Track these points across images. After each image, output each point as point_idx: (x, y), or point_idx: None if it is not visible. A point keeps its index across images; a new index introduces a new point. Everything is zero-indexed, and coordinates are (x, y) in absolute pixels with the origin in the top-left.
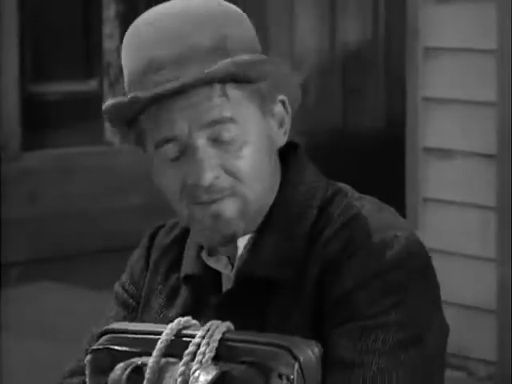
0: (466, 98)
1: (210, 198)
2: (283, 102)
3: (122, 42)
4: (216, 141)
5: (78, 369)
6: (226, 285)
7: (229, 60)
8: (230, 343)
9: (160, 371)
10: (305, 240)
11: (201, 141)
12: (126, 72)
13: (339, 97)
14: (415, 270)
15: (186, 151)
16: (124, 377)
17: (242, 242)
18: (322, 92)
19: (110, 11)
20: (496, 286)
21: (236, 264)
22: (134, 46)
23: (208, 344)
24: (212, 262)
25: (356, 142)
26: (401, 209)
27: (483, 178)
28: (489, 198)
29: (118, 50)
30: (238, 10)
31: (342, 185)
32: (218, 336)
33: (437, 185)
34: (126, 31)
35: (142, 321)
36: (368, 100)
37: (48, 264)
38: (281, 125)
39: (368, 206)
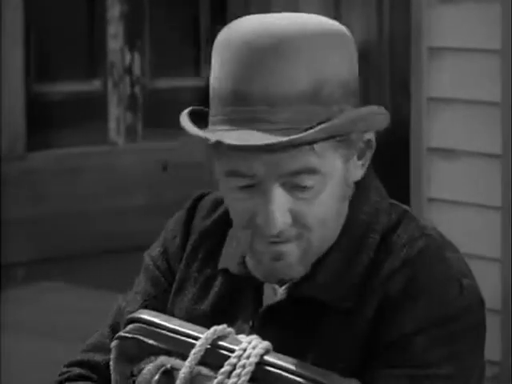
0: (471, 98)
1: (276, 240)
2: (369, 141)
3: (126, 42)
4: (291, 189)
5: (100, 344)
6: (268, 294)
7: (325, 125)
8: (267, 368)
9: (192, 381)
10: (365, 267)
11: (276, 187)
12: (212, 81)
13: None
14: (473, 324)
15: (260, 190)
16: (153, 381)
17: None
18: None
19: (114, 11)
20: (500, 286)
21: (292, 282)
22: (227, 67)
23: (244, 366)
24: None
25: None
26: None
27: (488, 178)
28: (493, 198)
29: (122, 50)
30: (345, 32)
31: (404, 207)
32: (254, 359)
33: (441, 185)
34: (129, 31)
35: (174, 306)
36: (373, 100)
37: (50, 264)
38: (359, 158)
39: (432, 240)
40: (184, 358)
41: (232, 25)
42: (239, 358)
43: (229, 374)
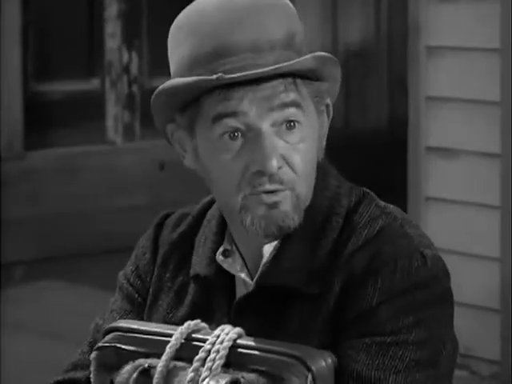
0: (469, 97)
1: (271, 188)
2: (327, 106)
3: (123, 40)
4: (279, 128)
5: (81, 362)
6: (240, 288)
7: (310, 55)
8: (240, 350)
9: (168, 375)
10: (329, 250)
11: (266, 126)
12: (185, 54)
13: (341, 96)
14: (438, 291)
15: (250, 138)
16: (131, 380)
17: (268, 249)
18: None
19: (112, 10)
20: (499, 285)
21: (260, 271)
22: (204, 30)
23: (218, 351)
24: (227, 265)
25: (358, 141)
26: (403, 208)
27: (486, 177)
28: (492, 197)
29: (120, 49)
30: None
31: (363, 189)
32: (228, 343)
33: (440, 184)
34: (128, 30)
35: (150, 318)
36: (370, 99)
37: (50, 264)
38: (321, 123)
39: (393, 218)
40: (161, 357)
41: (191, 4)
42: (213, 344)
43: (203, 361)
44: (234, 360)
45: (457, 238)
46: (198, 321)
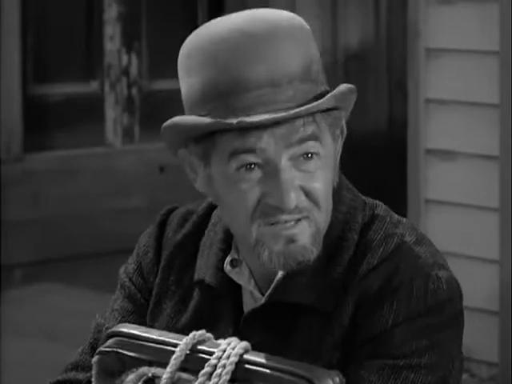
0: (468, 99)
1: (288, 219)
2: (342, 128)
3: (123, 43)
4: (297, 160)
5: (82, 363)
6: (247, 299)
7: (331, 95)
8: (247, 366)
9: None
10: (344, 267)
11: (285, 161)
12: (197, 84)
13: None
14: (452, 314)
15: (268, 171)
16: None
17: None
18: None
19: (111, 13)
20: (498, 288)
21: (273, 285)
22: (217, 61)
23: (224, 366)
24: (234, 275)
25: (358, 143)
26: (403, 210)
27: (485, 179)
28: (491, 199)
29: (119, 51)
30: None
31: (376, 203)
32: (234, 358)
33: (439, 186)
34: (127, 33)
35: (153, 322)
36: (370, 102)
37: (50, 265)
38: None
39: (407, 235)
40: (165, 366)
41: (203, 28)
42: (219, 358)
43: (209, 376)
44: (240, 376)
45: (456, 240)
46: (203, 331)
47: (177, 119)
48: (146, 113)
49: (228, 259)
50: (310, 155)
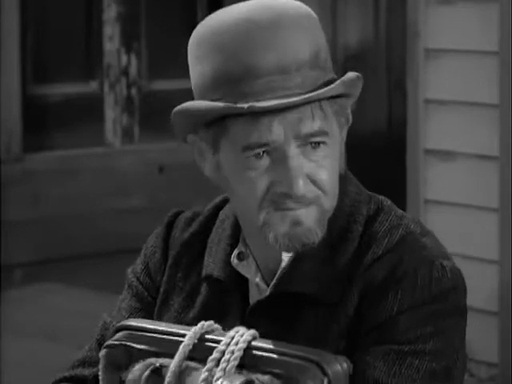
0: (468, 99)
1: (295, 206)
2: (348, 115)
3: (122, 43)
4: (305, 149)
5: (88, 359)
6: (254, 292)
7: (340, 82)
8: (255, 352)
9: (181, 375)
10: (349, 257)
11: (293, 148)
12: (207, 72)
13: None
14: (456, 304)
15: (277, 158)
16: (143, 378)
17: (286, 255)
18: None
19: (110, 13)
20: (498, 288)
21: (278, 276)
22: (227, 48)
23: (232, 352)
24: (241, 268)
25: (357, 143)
26: (402, 210)
27: (485, 179)
28: (490, 199)
29: (119, 51)
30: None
31: (382, 198)
32: (243, 344)
33: (438, 186)
34: (126, 33)
35: (161, 318)
36: (369, 102)
37: (50, 265)
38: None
39: (412, 227)
40: (172, 357)
41: (213, 17)
42: (227, 345)
43: (218, 362)
44: (248, 362)
45: (455, 240)
46: (212, 322)
47: (188, 104)
48: (145, 113)
49: (235, 252)
50: (317, 144)
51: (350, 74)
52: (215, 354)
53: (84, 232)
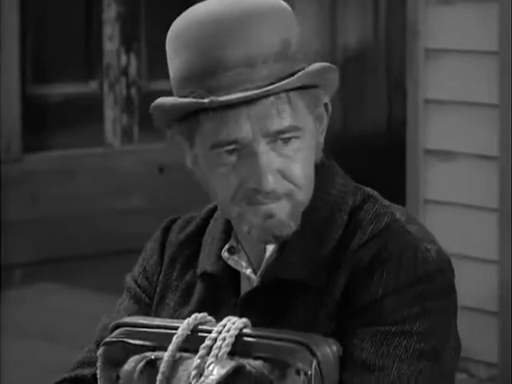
0: (468, 99)
1: (266, 201)
2: (326, 105)
3: (122, 43)
4: (275, 144)
5: (88, 360)
6: (245, 285)
7: (302, 73)
8: (246, 339)
9: (174, 365)
10: (334, 245)
11: (263, 145)
12: (178, 68)
13: (339, 98)
14: (443, 286)
15: (246, 155)
16: (138, 369)
17: (271, 245)
18: None
19: (110, 13)
20: (497, 288)
21: (263, 266)
22: (194, 44)
23: (224, 339)
24: (232, 262)
25: (356, 143)
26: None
27: (485, 179)
28: (490, 199)
29: (118, 51)
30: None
31: (369, 189)
32: (234, 331)
33: (438, 186)
34: (126, 33)
35: (157, 317)
36: (369, 102)
37: (49, 266)
38: (319, 124)
39: (398, 215)
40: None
41: (186, 12)
42: (219, 333)
43: (210, 348)
44: (239, 348)
45: (455, 240)
46: (205, 314)
47: (159, 100)
48: (145, 113)
49: (226, 247)
50: (288, 139)
51: (317, 64)
52: (207, 342)
53: (84, 232)
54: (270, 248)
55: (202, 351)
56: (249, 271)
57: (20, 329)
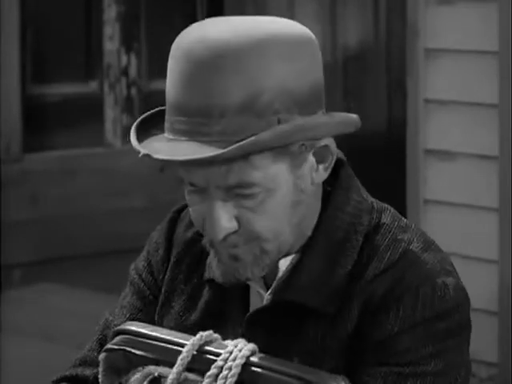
0: (468, 99)
1: (220, 250)
2: (326, 146)
3: (122, 43)
4: (234, 197)
5: (89, 359)
6: (254, 299)
7: (237, 145)
8: (254, 369)
9: None
10: (348, 270)
11: (218, 196)
12: (167, 89)
13: (340, 98)
14: (459, 322)
15: (206, 197)
16: None
17: (284, 263)
18: None
19: (110, 13)
20: (497, 288)
21: (274, 285)
22: (170, 77)
23: (230, 368)
24: None
25: (357, 143)
26: (402, 210)
27: (484, 179)
28: (490, 199)
29: (119, 51)
30: (301, 39)
31: (385, 206)
32: (241, 360)
33: (438, 186)
34: (126, 33)
35: (162, 319)
36: (369, 102)
37: (49, 266)
38: (320, 162)
39: (415, 241)
40: (172, 366)
41: (184, 32)
42: (225, 360)
43: (216, 377)
44: (246, 378)
45: (455, 240)
46: (211, 332)
47: (132, 132)
48: (145, 113)
49: None
50: (247, 194)
51: (269, 133)
52: (213, 370)
53: (84, 232)
54: (284, 267)
55: (207, 380)
56: (259, 286)
57: (20, 329)
